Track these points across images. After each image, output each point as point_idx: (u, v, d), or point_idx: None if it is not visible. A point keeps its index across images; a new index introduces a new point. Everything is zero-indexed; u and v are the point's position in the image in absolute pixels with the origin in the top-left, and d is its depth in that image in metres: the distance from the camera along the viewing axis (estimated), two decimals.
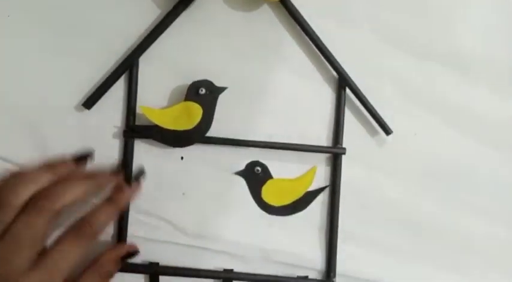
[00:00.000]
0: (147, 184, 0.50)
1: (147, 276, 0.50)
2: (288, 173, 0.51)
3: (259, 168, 0.51)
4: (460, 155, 0.53)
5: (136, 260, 0.50)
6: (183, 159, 0.50)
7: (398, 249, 0.52)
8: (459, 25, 0.52)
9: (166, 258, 0.50)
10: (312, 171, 0.51)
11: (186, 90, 0.48)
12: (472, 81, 0.52)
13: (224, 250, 0.51)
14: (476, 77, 0.53)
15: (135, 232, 0.50)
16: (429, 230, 0.52)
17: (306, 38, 0.50)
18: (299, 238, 0.51)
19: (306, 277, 0.51)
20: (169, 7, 0.48)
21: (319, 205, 0.52)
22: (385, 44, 0.51)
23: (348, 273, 0.51)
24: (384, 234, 0.52)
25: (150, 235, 0.50)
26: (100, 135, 0.50)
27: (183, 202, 0.51)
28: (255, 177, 0.51)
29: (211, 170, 0.51)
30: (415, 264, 0.52)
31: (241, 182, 0.51)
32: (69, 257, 0.42)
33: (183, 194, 0.51)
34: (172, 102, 0.50)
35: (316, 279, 0.51)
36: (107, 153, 0.50)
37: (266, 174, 0.51)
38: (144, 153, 0.50)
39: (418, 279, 0.52)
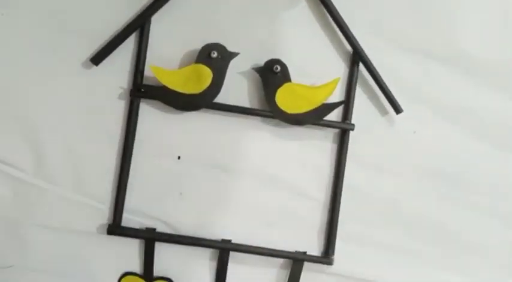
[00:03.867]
0: (143, 184, 0.49)
1: (142, 241, 0.49)
2: (290, 148, 0.50)
3: (278, 67, 0.47)
4: (460, 153, 0.53)
5: (134, 224, 0.49)
6: (180, 158, 0.50)
7: (398, 249, 0.52)
8: (460, 25, 0.52)
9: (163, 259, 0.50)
10: (335, 81, 0.49)
11: (197, 53, 0.47)
12: (472, 80, 0.52)
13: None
14: (477, 76, 0.52)
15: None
16: (429, 229, 0.52)
17: (323, 9, 0.49)
18: (299, 239, 0.51)
19: (305, 253, 0.50)
20: None
21: (319, 207, 0.51)
22: (385, 43, 0.51)
23: (346, 273, 0.51)
24: (384, 234, 0.52)
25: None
26: (106, 94, 0.49)
27: (180, 202, 0.50)
28: (272, 76, 0.48)
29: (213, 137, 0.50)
30: (414, 264, 0.52)
31: (240, 182, 0.50)
32: None
33: (180, 194, 0.50)
34: (182, 66, 0.49)
35: (314, 256, 0.50)
36: (111, 113, 0.49)
37: (284, 76, 0.48)
38: (149, 116, 0.49)
39: (418, 279, 0.52)
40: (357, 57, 0.50)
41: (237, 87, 0.49)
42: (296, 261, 0.50)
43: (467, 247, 0.53)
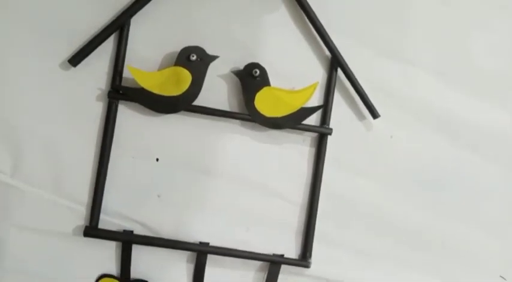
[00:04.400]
0: (121, 186, 0.49)
1: (119, 244, 0.49)
2: (269, 151, 0.51)
3: (257, 71, 0.48)
4: (436, 158, 0.53)
5: (112, 226, 0.49)
6: (159, 160, 0.50)
7: (375, 252, 0.52)
8: (438, 31, 0.53)
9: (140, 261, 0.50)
10: (313, 86, 0.49)
11: (176, 56, 0.47)
12: (449, 86, 0.53)
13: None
14: (454, 81, 0.53)
15: None
16: (406, 233, 0.53)
17: (303, 14, 0.49)
18: (276, 242, 0.51)
19: (282, 255, 0.50)
20: None
21: (297, 211, 0.51)
22: (363, 48, 0.51)
23: (323, 275, 0.51)
24: (362, 238, 0.52)
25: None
26: (84, 95, 0.49)
27: (158, 204, 0.50)
28: (252, 80, 0.48)
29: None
30: (392, 267, 0.53)
31: (218, 185, 0.50)
32: None
33: (159, 196, 0.50)
34: (161, 68, 0.49)
35: (291, 258, 0.50)
36: (90, 114, 0.48)
37: (263, 80, 0.48)
38: (128, 118, 0.49)
39: None
40: (335, 63, 0.50)
41: (216, 91, 0.50)
42: (273, 263, 0.50)
43: (444, 251, 0.53)
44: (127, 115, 0.49)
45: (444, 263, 0.53)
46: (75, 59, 0.47)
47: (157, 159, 0.49)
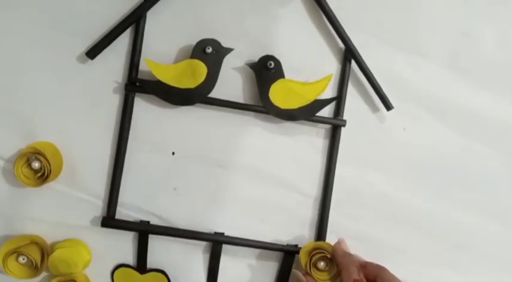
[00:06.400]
0: (138, 179, 0.50)
1: (136, 234, 0.50)
2: (283, 143, 0.51)
3: (272, 63, 0.48)
4: (449, 150, 0.53)
5: (127, 217, 0.49)
6: (174, 154, 0.50)
7: (387, 244, 0.53)
8: (450, 25, 0.53)
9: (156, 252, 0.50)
10: (327, 78, 0.50)
11: (192, 48, 0.48)
12: (462, 79, 0.53)
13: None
14: (467, 74, 0.53)
15: None
16: (418, 225, 0.53)
17: (316, 6, 0.50)
18: (290, 234, 0.52)
19: (296, 245, 0.51)
20: None
21: (311, 202, 0.52)
22: (377, 40, 0.51)
23: None
24: (374, 230, 0.53)
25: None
26: (101, 88, 0.49)
27: (175, 198, 0.50)
28: (266, 72, 0.48)
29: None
30: (404, 259, 0.53)
31: (233, 177, 0.51)
32: None
33: (175, 189, 0.50)
34: (177, 61, 0.49)
35: None
36: (106, 107, 0.49)
37: (278, 72, 0.49)
38: (144, 111, 0.49)
39: (407, 274, 0.52)
40: (349, 55, 0.50)
41: (231, 83, 0.50)
42: (287, 253, 0.51)
43: (456, 242, 0.54)
44: (143, 108, 0.49)
45: (457, 255, 0.54)
46: (93, 52, 0.48)
47: (173, 153, 0.50)
